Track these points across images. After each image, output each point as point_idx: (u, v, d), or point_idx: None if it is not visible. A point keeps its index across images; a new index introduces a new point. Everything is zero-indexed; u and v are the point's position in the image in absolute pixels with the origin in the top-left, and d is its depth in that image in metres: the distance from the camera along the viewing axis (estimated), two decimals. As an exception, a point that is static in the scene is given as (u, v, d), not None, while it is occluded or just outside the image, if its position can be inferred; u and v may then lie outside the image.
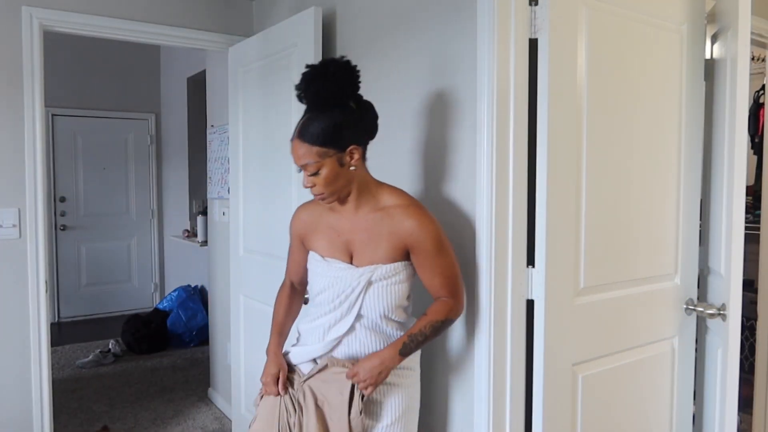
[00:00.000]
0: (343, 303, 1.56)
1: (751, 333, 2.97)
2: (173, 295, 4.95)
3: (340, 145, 1.46)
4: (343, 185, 1.51)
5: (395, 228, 1.52)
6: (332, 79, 1.45)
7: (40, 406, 2.54)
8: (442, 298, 1.57)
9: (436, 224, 1.55)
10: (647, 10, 1.80)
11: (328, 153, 1.45)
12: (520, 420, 1.69)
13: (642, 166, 1.82)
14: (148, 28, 2.75)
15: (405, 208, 1.54)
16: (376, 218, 1.55)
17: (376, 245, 1.54)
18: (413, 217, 1.52)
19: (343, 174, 1.49)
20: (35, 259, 2.49)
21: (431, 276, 1.56)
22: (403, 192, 1.60)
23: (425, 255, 1.53)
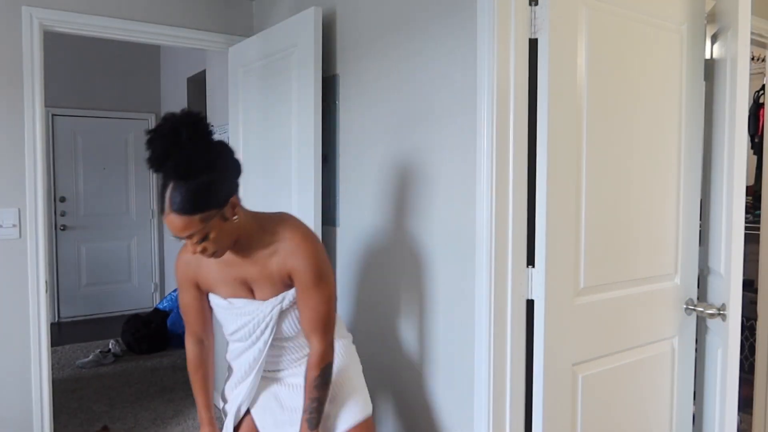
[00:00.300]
0: (261, 335, 1.58)
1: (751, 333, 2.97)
2: (173, 295, 4.94)
3: (219, 203, 1.39)
4: (231, 238, 1.46)
5: (281, 262, 1.52)
6: (188, 144, 1.33)
7: (40, 406, 2.54)
8: (311, 336, 1.55)
9: (319, 256, 1.53)
10: (647, 10, 1.80)
11: (210, 215, 1.37)
12: (520, 420, 1.69)
13: (642, 166, 1.82)
14: (148, 28, 2.75)
15: (289, 241, 1.52)
16: (264, 256, 1.53)
17: (272, 282, 1.54)
18: (295, 249, 1.50)
19: (229, 227, 1.43)
20: (35, 259, 2.49)
21: (303, 308, 1.54)
22: (285, 220, 1.57)
23: (302, 287, 1.52)
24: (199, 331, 1.68)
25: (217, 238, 1.41)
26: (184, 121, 1.33)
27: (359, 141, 2.20)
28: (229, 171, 1.41)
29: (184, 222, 1.35)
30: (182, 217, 1.34)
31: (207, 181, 1.34)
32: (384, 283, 2.09)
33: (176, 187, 1.33)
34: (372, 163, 2.13)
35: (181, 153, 1.31)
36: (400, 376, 2.03)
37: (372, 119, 2.12)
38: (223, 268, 1.56)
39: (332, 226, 2.36)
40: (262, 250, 1.52)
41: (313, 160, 2.26)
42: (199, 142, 1.35)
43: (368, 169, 2.15)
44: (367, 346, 2.19)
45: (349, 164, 2.26)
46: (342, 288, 2.33)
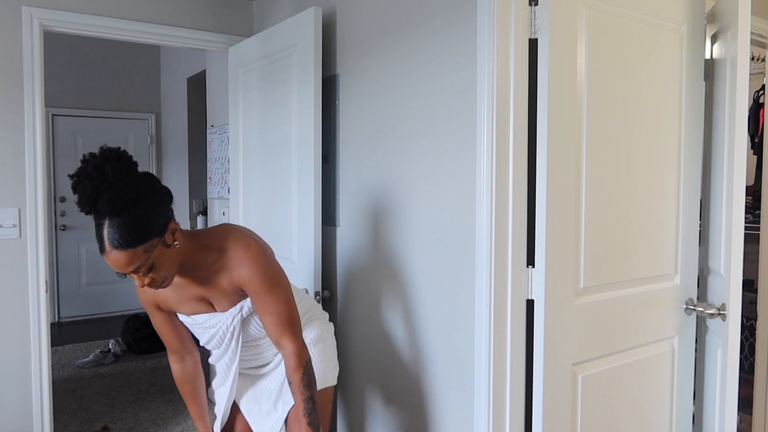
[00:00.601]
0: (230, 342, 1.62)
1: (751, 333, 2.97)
2: (173, 295, 4.94)
3: (158, 231, 1.37)
4: (176, 264, 1.44)
5: (229, 277, 1.52)
6: (116, 179, 1.31)
7: (40, 406, 2.54)
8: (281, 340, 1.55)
9: (265, 261, 1.52)
10: (647, 10, 1.80)
11: (152, 245, 1.35)
12: (520, 420, 1.69)
13: (642, 166, 1.82)
14: (148, 28, 2.75)
15: (233, 253, 1.51)
16: (212, 273, 1.53)
17: (226, 294, 1.56)
18: (239, 261, 1.50)
19: (172, 253, 1.42)
20: (35, 259, 2.49)
21: (264, 313, 1.54)
22: (226, 234, 1.55)
23: (255, 294, 1.52)
24: (178, 348, 1.70)
25: (162, 267, 1.39)
26: (107, 158, 1.31)
27: (359, 141, 2.20)
28: (161, 198, 1.39)
29: (127, 257, 1.31)
30: (125, 252, 1.31)
31: (142, 212, 1.33)
32: (384, 282, 2.09)
33: (112, 224, 1.30)
34: (372, 163, 2.13)
35: (111, 189, 1.29)
36: (401, 375, 2.03)
37: (372, 119, 2.12)
38: (177, 290, 1.57)
39: (332, 226, 2.37)
40: (209, 267, 1.52)
41: (313, 160, 2.26)
42: (126, 176, 1.32)
43: (368, 169, 2.15)
44: (367, 345, 2.19)
45: (349, 164, 2.26)
46: (342, 288, 2.33)
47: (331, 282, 2.39)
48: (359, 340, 2.23)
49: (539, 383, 1.64)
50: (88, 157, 1.30)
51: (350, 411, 2.31)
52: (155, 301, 1.61)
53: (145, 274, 1.37)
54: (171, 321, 1.66)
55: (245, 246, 1.51)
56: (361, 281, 2.22)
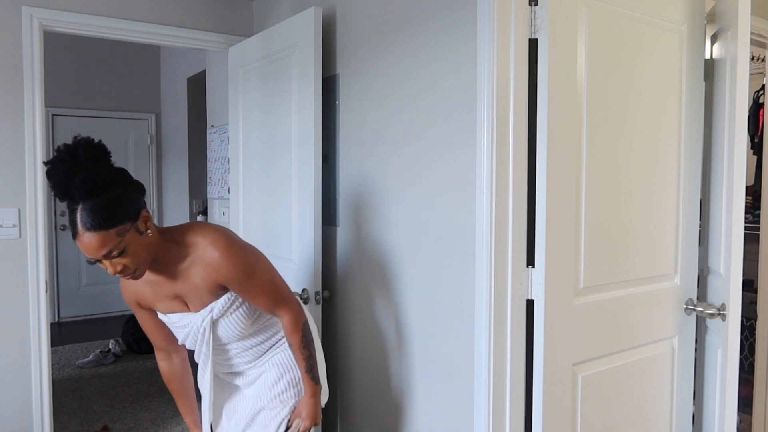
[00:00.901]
0: (201, 344, 1.61)
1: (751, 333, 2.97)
2: (173, 295, 4.94)
3: (131, 216, 1.37)
4: (148, 254, 1.44)
5: (204, 274, 1.51)
6: (88, 162, 1.33)
7: (40, 406, 2.54)
8: (276, 312, 1.61)
9: (238, 252, 1.51)
10: (647, 10, 1.80)
11: (125, 229, 1.35)
12: (520, 420, 1.69)
13: (642, 166, 1.82)
14: (148, 28, 2.75)
15: (204, 248, 1.50)
16: (185, 267, 1.51)
17: (199, 293, 1.54)
18: (211, 256, 1.49)
19: (145, 242, 1.41)
20: (35, 259, 2.49)
21: (254, 298, 1.56)
22: (199, 227, 1.55)
23: (239, 285, 1.52)
24: (164, 346, 1.72)
25: (135, 254, 1.38)
26: (80, 143, 1.32)
27: (359, 141, 2.20)
28: (133, 187, 1.40)
29: (99, 239, 1.31)
30: (97, 234, 1.31)
31: (115, 196, 1.34)
32: (384, 282, 2.09)
33: (85, 207, 1.30)
34: (372, 163, 2.13)
35: (84, 171, 1.30)
36: (401, 374, 2.03)
37: (372, 119, 2.12)
38: (152, 287, 1.57)
39: (332, 226, 2.37)
40: (180, 263, 1.51)
41: (313, 160, 2.26)
42: (99, 161, 1.34)
43: (368, 169, 2.15)
44: (367, 345, 2.19)
45: (349, 164, 2.26)
46: (342, 288, 2.33)
47: (331, 282, 2.39)
48: (359, 340, 2.23)
49: (539, 383, 1.64)
50: (61, 146, 1.32)
51: (350, 411, 2.31)
52: (136, 299, 1.62)
53: (118, 255, 1.35)
54: (155, 319, 1.67)
55: (213, 241, 1.50)
56: (361, 281, 2.22)
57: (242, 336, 1.63)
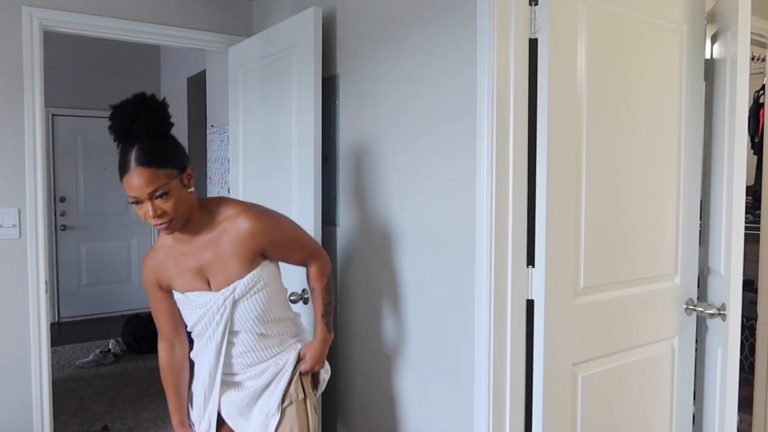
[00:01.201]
0: (217, 327, 1.59)
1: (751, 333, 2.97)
2: (173, 295, 4.94)
3: (181, 166, 1.46)
4: (186, 209, 1.48)
5: (236, 240, 1.53)
6: (154, 107, 1.43)
7: (40, 406, 2.54)
8: (307, 263, 1.71)
9: (270, 215, 1.60)
10: (647, 10, 1.80)
11: (173, 174, 1.43)
12: (520, 420, 1.69)
13: (642, 166, 1.82)
14: (148, 28, 2.75)
15: (235, 217, 1.54)
16: (215, 237, 1.55)
17: (225, 263, 1.55)
18: (246, 221, 1.53)
19: (186, 197, 1.47)
20: (35, 259, 2.49)
21: (290, 256, 1.66)
22: (229, 200, 1.60)
23: (277, 247, 1.60)
24: (170, 335, 1.71)
25: (177, 201, 1.44)
26: (148, 95, 1.45)
27: (359, 141, 2.20)
28: (182, 147, 1.50)
29: (150, 175, 1.38)
30: (149, 170, 1.38)
31: (171, 142, 1.45)
32: (384, 282, 2.09)
33: (141, 146, 1.39)
34: (372, 163, 2.13)
35: (149, 112, 1.40)
36: (401, 374, 2.03)
37: (372, 119, 2.12)
38: (179, 260, 1.59)
39: (332, 226, 2.36)
40: (211, 231, 1.55)
41: (313, 160, 2.26)
42: (163, 111, 1.45)
43: (368, 169, 2.15)
44: (367, 345, 2.19)
45: (349, 164, 2.26)
46: (342, 288, 2.33)
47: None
48: (359, 340, 2.23)
49: (539, 383, 1.64)
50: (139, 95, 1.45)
51: (349, 409, 2.31)
52: (157, 277, 1.62)
53: (159, 201, 1.41)
54: (168, 303, 1.66)
55: (245, 209, 1.57)
56: (361, 281, 2.22)
57: (258, 321, 1.60)
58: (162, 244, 1.62)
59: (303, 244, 1.69)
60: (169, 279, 1.61)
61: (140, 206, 1.42)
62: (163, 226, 1.45)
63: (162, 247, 1.61)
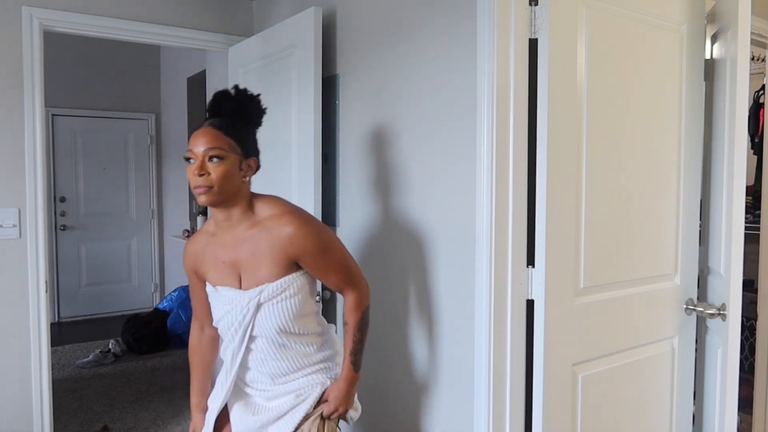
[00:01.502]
0: (240, 326, 1.55)
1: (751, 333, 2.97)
2: (173, 295, 4.94)
3: (246, 149, 1.49)
4: (233, 191, 1.48)
5: (274, 242, 1.49)
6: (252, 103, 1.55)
7: (40, 406, 2.54)
8: (344, 291, 1.60)
9: (314, 225, 1.53)
10: (647, 10, 1.80)
11: (235, 149, 1.47)
12: (520, 420, 1.69)
13: (642, 166, 1.82)
14: (148, 28, 2.75)
15: (279, 217, 1.51)
16: (254, 234, 1.52)
17: (260, 264, 1.52)
18: (288, 224, 1.49)
19: (238, 179, 1.47)
20: (35, 259, 2.49)
21: (325, 275, 1.56)
22: (278, 200, 1.57)
23: (312, 258, 1.51)
24: (201, 316, 1.71)
25: (226, 173, 1.44)
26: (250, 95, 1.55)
27: (359, 141, 2.20)
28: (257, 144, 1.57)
29: (214, 134, 1.45)
30: (216, 131, 1.45)
31: (249, 131, 1.53)
32: (384, 283, 2.09)
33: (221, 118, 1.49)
34: (372, 163, 2.13)
35: (240, 104, 1.51)
36: (400, 374, 2.03)
37: (372, 119, 2.12)
38: (216, 251, 1.57)
39: (332, 226, 2.36)
40: (251, 228, 1.53)
41: (313, 160, 2.26)
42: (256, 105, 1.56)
43: (368, 169, 2.15)
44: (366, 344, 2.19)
45: (349, 164, 2.26)
46: (342, 288, 2.33)
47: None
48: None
49: (539, 383, 1.64)
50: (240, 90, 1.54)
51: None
52: (194, 264, 1.63)
53: (211, 163, 1.43)
54: (204, 292, 1.67)
55: (290, 212, 1.53)
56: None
57: (279, 331, 1.54)
58: (205, 230, 1.62)
59: (342, 267, 1.58)
60: (204, 268, 1.61)
61: (191, 165, 1.45)
62: (202, 190, 1.44)
63: (204, 233, 1.61)
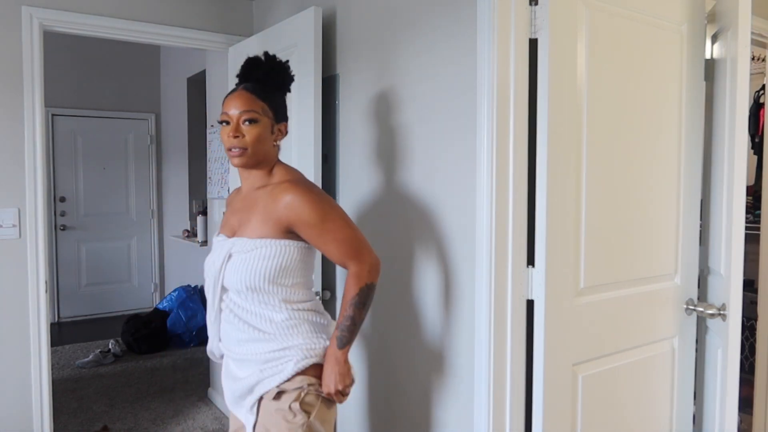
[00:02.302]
0: (211, 276, 1.57)
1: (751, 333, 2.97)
2: (173, 295, 4.95)
3: (278, 114, 1.56)
4: (264, 153, 1.53)
5: (272, 204, 1.49)
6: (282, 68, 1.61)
7: (40, 406, 2.54)
8: (346, 264, 1.53)
9: (316, 193, 1.50)
10: (647, 10, 1.80)
11: (268, 113, 1.52)
12: (520, 420, 1.69)
13: (642, 166, 1.82)
14: (148, 28, 2.75)
15: (284, 183, 1.51)
16: (260, 194, 1.55)
17: (250, 219, 1.53)
18: (290, 191, 1.48)
19: (269, 141, 1.53)
20: (35, 259, 2.49)
21: (324, 245, 1.50)
22: (294, 170, 1.60)
23: (309, 227, 1.47)
24: None
25: (259, 136, 1.50)
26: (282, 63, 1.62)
27: (359, 141, 2.20)
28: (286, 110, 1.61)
29: (249, 98, 1.50)
30: (250, 95, 1.51)
31: (278, 94, 1.58)
32: (383, 282, 2.09)
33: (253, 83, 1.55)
34: (372, 164, 2.13)
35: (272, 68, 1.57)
36: (400, 374, 2.03)
37: (372, 119, 2.12)
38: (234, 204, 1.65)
39: (332, 226, 2.36)
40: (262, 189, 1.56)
41: (313, 160, 2.26)
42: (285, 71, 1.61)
43: (368, 169, 2.15)
44: (366, 345, 2.19)
45: (349, 164, 2.26)
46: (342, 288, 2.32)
47: (330, 282, 2.38)
48: (358, 340, 2.23)
49: (539, 383, 1.64)
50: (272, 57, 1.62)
51: (350, 411, 2.30)
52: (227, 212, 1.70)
53: (245, 127, 1.49)
54: None
55: (299, 182, 1.52)
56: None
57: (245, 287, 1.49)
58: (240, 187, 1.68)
59: (343, 239, 1.50)
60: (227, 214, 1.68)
61: (226, 128, 1.51)
62: (237, 152, 1.50)
63: (237, 190, 1.70)
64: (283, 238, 1.49)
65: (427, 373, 1.91)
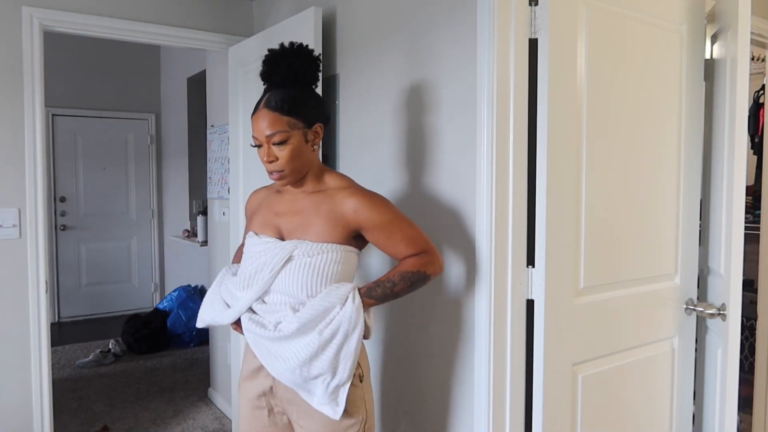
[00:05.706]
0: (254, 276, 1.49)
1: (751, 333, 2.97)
2: (173, 295, 4.95)
3: (308, 119, 1.47)
4: (303, 165, 1.49)
5: (336, 208, 1.48)
6: (302, 56, 1.48)
7: (40, 406, 2.54)
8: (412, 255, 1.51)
9: (381, 198, 1.52)
10: (647, 10, 1.80)
11: (297, 125, 1.45)
12: (520, 420, 1.69)
13: (642, 166, 1.82)
14: (148, 28, 2.75)
15: (345, 189, 1.50)
16: (316, 198, 1.51)
17: (309, 223, 1.49)
18: (355, 196, 1.48)
19: (306, 152, 1.48)
20: (35, 259, 2.49)
21: (393, 244, 1.49)
22: (347, 177, 1.59)
23: (378, 228, 1.47)
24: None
25: (293, 152, 1.45)
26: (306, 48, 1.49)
27: (359, 141, 2.20)
28: (322, 104, 1.52)
29: (272, 118, 1.42)
30: (273, 114, 1.43)
31: (306, 94, 1.47)
32: (384, 283, 2.09)
33: (276, 92, 1.44)
34: (372, 164, 2.13)
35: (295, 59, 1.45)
36: (400, 374, 2.03)
37: (372, 119, 2.12)
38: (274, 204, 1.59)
39: (332, 226, 2.36)
40: (314, 194, 1.53)
41: (313, 160, 2.26)
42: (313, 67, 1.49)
43: (368, 169, 2.15)
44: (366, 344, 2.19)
45: (349, 164, 2.26)
46: (342, 288, 2.32)
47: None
48: (359, 340, 2.23)
49: (539, 383, 1.64)
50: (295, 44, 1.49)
51: (350, 411, 2.30)
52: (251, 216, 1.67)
53: (276, 147, 1.44)
54: None
55: (360, 188, 1.53)
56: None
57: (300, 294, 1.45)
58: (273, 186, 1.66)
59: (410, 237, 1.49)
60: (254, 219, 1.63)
61: (261, 150, 1.47)
62: (276, 176, 1.47)
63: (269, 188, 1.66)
64: (347, 244, 1.50)
65: (426, 372, 1.91)
